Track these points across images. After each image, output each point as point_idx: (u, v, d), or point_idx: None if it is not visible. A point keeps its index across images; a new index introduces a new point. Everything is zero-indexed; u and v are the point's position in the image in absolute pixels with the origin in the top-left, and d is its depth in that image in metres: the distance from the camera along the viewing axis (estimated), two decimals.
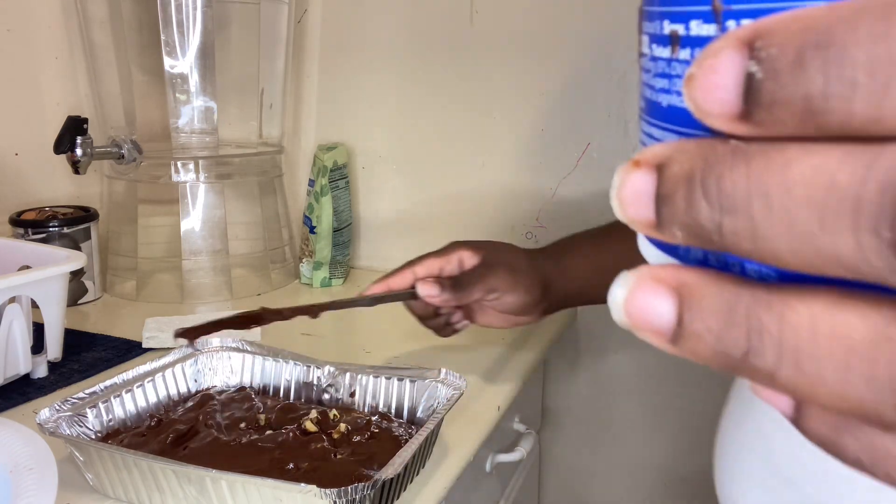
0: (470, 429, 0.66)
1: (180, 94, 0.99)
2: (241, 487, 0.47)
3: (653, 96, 0.17)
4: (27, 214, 0.92)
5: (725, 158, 0.13)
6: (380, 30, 1.09)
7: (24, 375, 0.70)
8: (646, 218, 0.15)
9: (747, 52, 0.13)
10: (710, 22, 0.14)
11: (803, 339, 0.13)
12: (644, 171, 0.14)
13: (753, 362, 0.14)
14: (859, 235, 0.12)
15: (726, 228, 0.13)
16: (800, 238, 0.13)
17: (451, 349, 0.83)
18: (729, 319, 0.14)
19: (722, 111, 0.13)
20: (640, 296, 0.15)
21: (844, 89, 0.12)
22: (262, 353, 0.66)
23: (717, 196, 0.13)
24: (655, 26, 0.16)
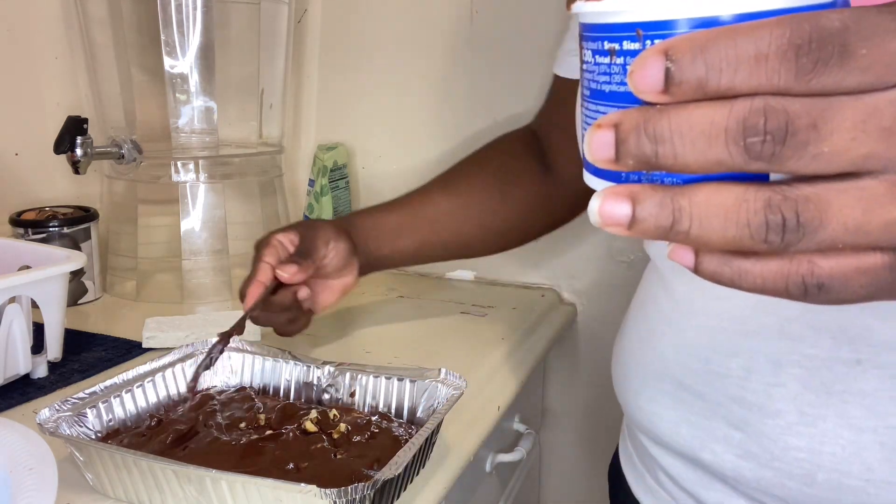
0: (470, 429, 0.66)
1: (180, 94, 0.99)
2: (241, 487, 0.47)
3: (597, 87, 0.26)
4: (27, 214, 0.92)
5: (655, 114, 0.23)
6: (380, 30, 1.09)
7: (24, 375, 0.70)
8: (608, 156, 0.24)
9: (664, 57, 0.23)
10: (635, 41, 0.25)
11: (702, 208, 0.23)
12: (605, 129, 0.24)
13: (676, 228, 0.24)
14: (729, 147, 0.22)
15: (659, 153, 0.23)
16: (699, 153, 0.23)
17: (452, 349, 0.83)
18: (661, 206, 0.24)
19: (652, 89, 0.23)
20: (607, 203, 0.24)
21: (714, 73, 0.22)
22: (262, 353, 0.66)
23: (653, 135, 0.23)
24: (597, 44, 0.26)
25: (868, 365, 0.40)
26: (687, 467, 0.50)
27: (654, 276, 0.55)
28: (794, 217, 0.23)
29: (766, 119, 0.22)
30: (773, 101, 0.22)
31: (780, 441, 0.43)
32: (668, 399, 0.50)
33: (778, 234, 0.23)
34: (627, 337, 0.56)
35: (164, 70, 0.97)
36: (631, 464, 0.60)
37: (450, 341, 0.86)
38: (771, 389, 0.43)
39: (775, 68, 0.22)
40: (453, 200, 0.77)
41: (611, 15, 0.25)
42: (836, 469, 0.41)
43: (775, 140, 0.22)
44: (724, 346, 0.46)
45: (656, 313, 0.53)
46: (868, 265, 0.24)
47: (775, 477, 0.43)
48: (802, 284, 0.24)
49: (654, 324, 0.52)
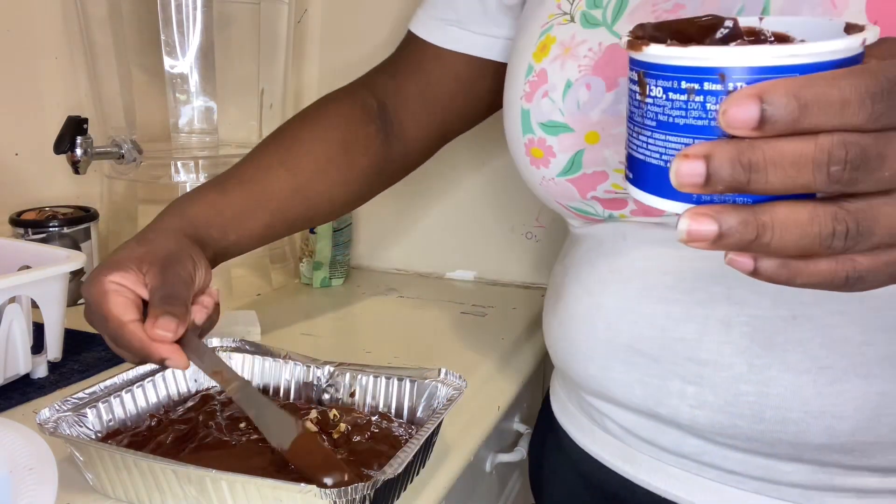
0: (470, 429, 0.66)
1: (180, 94, 0.99)
2: (241, 487, 0.47)
3: (668, 120, 0.31)
4: (27, 214, 0.92)
5: (748, 147, 0.28)
6: (380, 30, 1.09)
7: (24, 375, 0.70)
8: (696, 183, 0.29)
9: (759, 99, 0.28)
10: (717, 83, 0.29)
11: (782, 223, 0.29)
12: (694, 160, 0.29)
13: (759, 241, 0.29)
14: (814, 174, 0.28)
15: (752, 179, 0.28)
16: (788, 179, 0.28)
17: (451, 349, 0.83)
18: (746, 223, 0.29)
19: (746, 126, 0.28)
20: (695, 223, 0.29)
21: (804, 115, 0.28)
22: (262, 353, 0.66)
23: (748, 165, 0.28)
24: (671, 83, 0.30)
25: (802, 319, 0.47)
26: (641, 419, 0.55)
27: (597, 260, 0.57)
28: (855, 227, 0.29)
29: (847, 151, 0.28)
30: (850, 137, 0.28)
31: (733, 389, 0.49)
32: (621, 365, 0.54)
33: (841, 241, 0.29)
34: (570, 313, 0.59)
35: (164, 70, 0.97)
36: (574, 420, 0.63)
37: (450, 341, 0.86)
38: (722, 347, 0.49)
39: (855, 112, 0.28)
40: (300, 175, 0.70)
41: (693, 59, 0.29)
42: (781, 406, 0.48)
43: (853, 168, 0.28)
44: (678, 315, 0.51)
45: (603, 291, 0.56)
46: (893, 259, 0.30)
47: (728, 419, 0.50)
48: (846, 278, 0.30)
49: (601, 300, 0.56)
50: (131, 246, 0.60)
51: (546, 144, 0.55)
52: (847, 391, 0.47)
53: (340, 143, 0.73)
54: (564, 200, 0.57)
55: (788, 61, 0.29)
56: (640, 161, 0.33)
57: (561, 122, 0.54)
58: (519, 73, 0.57)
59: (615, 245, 0.56)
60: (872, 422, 0.46)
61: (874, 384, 0.46)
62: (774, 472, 0.50)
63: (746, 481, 0.52)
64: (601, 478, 0.60)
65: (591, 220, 0.58)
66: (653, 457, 0.56)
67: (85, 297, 0.58)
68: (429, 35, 0.73)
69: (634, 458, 0.57)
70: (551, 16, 0.57)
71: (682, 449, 0.53)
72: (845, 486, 0.49)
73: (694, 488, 0.54)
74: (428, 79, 0.74)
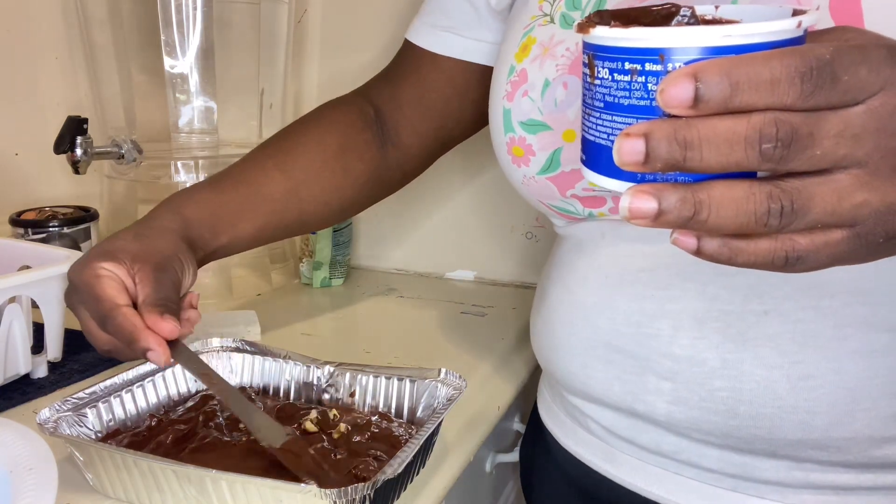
0: (470, 429, 0.66)
1: (180, 94, 0.99)
2: (241, 487, 0.47)
3: (614, 100, 0.31)
4: (27, 214, 0.92)
5: (683, 125, 0.29)
6: (380, 30, 1.09)
7: (24, 375, 0.70)
8: (638, 160, 0.29)
9: (693, 78, 0.28)
10: (657, 64, 0.30)
11: (718, 201, 0.29)
12: (634, 138, 0.29)
13: (697, 218, 0.30)
14: (747, 151, 0.29)
15: (687, 157, 0.29)
16: (722, 156, 0.29)
17: (451, 349, 0.83)
18: (684, 201, 0.29)
19: (682, 104, 0.29)
20: (636, 200, 0.30)
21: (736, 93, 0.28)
22: (262, 353, 0.66)
23: (683, 142, 0.29)
24: (616, 64, 0.31)
25: (774, 314, 0.48)
26: (620, 417, 0.56)
27: (577, 260, 0.58)
28: (790, 205, 0.29)
29: (778, 129, 0.28)
30: (781, 116, 0.28)
31: (707, 384, 0.50)
32: (600, 363, 0.55)
33: (777, 219, 0.29)
34: (552, 312, 0.60)
35: (164, 70, 0.97)
36: (558, 421, 0.64)
37: (450, 341, 0.86)
38: (696, 343, 0.50)
39: (786, 90, 0.28)
40: (295, 178, 0.71)
41: (635, 41, 0.30)
42: (753, 402, 0.48)
43: (784, 145, 0.28)
44: (652, 311, 0.52)
45: (583, 290, 0.57)
46: (834, 239, 0.31)
47: (703, 415, 0.50)
48: (785, 257, 0.31)
49: (581, 298, 0.57)
50: (126, 238, 0.60)
51: (526, 143, 0.57)
52: (819, 386, 0.47)
53: (336, 149, 0.73)
54: (545, 199, 0.58)
55: (724, 42, 0.29)
56: (591, 142, 0.34)
57: (540, 121, 0.55)
58: (502, 73, 0.59)
59: (594, 244, 0.57)
60: (846, 417, 0.47)
61: (846, 379, 0.46)
62: (751, 469, 0.51)
63: (724, 479, 0.52)
64: (585, 479, 0.61)
65: (573, 219, 0.59)
66: (633, 456, 0.57)
67: (72, 278, 0.58)
68: (423, 41, 0.73)
69: (615, 457, 0.58)
70: (533, 17, 0.58)
71: (661, 447, 0.54)
72: (822, 483, 0.49)
73: (673, 487, 0.54)
74: (423, 84, 0.74)
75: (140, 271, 0.57)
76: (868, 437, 0.47)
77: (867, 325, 0.46)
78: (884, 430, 0.47)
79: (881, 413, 0.47)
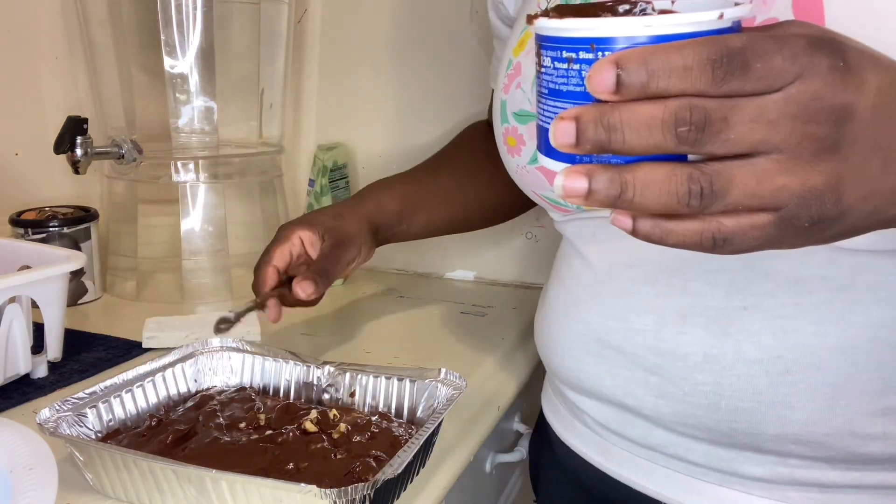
0: (470, 429, 0.66)
1: (180, 94, 0.99)
2: (241, 487, 0.47)
3: (555, 87, 0.34)
4: (27, 214, 0.92)
5: (608, 109, 0.31)
6: (380, 29, 1.09)
7: (24, 375, 0.70)
8: (570, 142, 0.31)
9: (615, 66, 0.30)
10: (589, 52, 0.32)
11: (642, 181, 0.31)
12: (567, 121, 0.31)
13: (623, 197, 0.31)
14: (664, 134, 0.30)
15: (611, 139, 0.31)
16: (642, 139, 0.30)
17: (451, 349, 0.83)
18: (611, 181, 0.31)
19: (606, 90, 0.30)
20: (569, 179, 0.32)
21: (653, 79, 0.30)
22: (262, 353, 0.66)
23: (607, 125, 0.31)
24: (556, 53, 0.33)
25: (754, 310, 0.49)
26: (612, 411, 0.57)
27: (572, 256, 0.61)
28: (709, 186, 0.31)
29: (691, 113, 0.30)
30: (696, 101, 0.30)
31: (690, 379, 0.51)
32: (592, 357, 0.57)
33: (697, 199, 0.31)
34: (550, 308, 0.63)
35: (164, 70, 0.97)
36: (559, 416, 0.66)
37: (450, 341, 0.86)
38: (679, 338, 0.51)
39: (698, 77, 0.30)
40: (457, 175, 0.83)
41: (569, 31, 0.32)
42: (734, 396, 0.49)
43: (697, 129, 0.30)
44: (638, 306, 0.54)
45: (577, 286, 0.59)
46: (759, 222, 0.32)
47: (687, 409, 0.52)
48: (712, 238, 0.32)
49: (575, 294, 0.59)
50: (329, 214, 0.74)
51: (518, 133, 0.59)
52: (799, 381, 0.48)
53: (485, 153, 0.82)
54: (538, 189, 0.60)
55: (647, 32, 0.31)
56: (540, 127, 0.36)
57: (529, 112, 0.58)
58: (503, 67, 0.62)
59: (586, 241, 0.59)
60: (825, 412, 0.47)
61: (826, 375, 0.47)
62: (736, 464, 0.52)
63: (711, 474, 0.53)
64: (582, 472, 0.62)
65: (567, 212, 0.61)
66: (625, 449, 0.58)
67: (280, 227, 0.72)
68: (491, 84, 0.82)
69: (609, 450, 0.59)
70: None
71: (650, 441, 0.55)
72: (807, 480, 0.50)
73: (662, 481, 0.55)
74: None
75: (326, 241, 0.71)
76: (849, 433, 0.47)
77: (846, 321, 0.47)
78: (865, 426, 0.47)
79: (862, 409, 0.47)
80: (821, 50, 0.31)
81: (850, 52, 0.31)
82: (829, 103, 0.30)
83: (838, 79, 0.31)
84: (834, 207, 0.32)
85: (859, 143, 0.31)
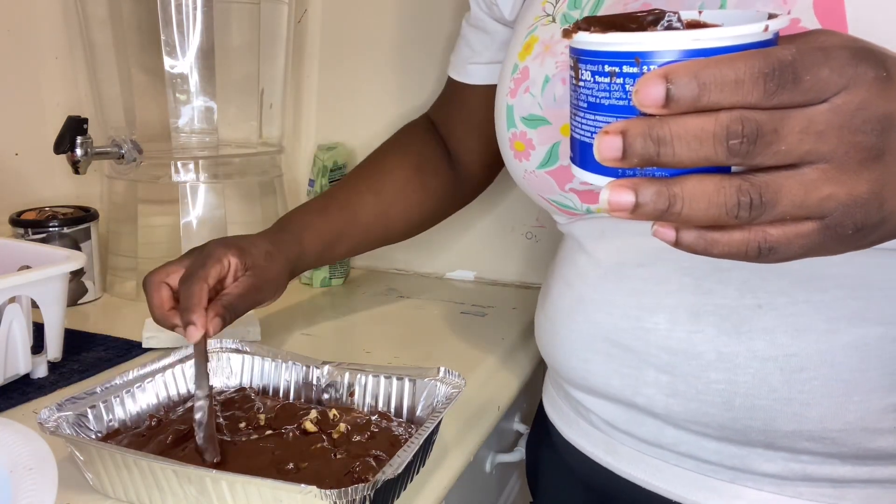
0: (470, 429, 0.66)
1: (180, 94, 0.99)
2: (241, 487, 0.47)
3: (596, 101, 0.33)
4: (27, 214, 0.92)
5: (657, 123, 0.31)
6: (380, 30, 1.09)
7: (24, 375, 0.70)
8: (616, 156, 0.31)
9: (664, 80, 0.30)
10: (633, 66, 0.32)
11: (690, 194, 0.31)
12: (613, 135, 0.31)
13: (671, 210, 0.31)
14: (715, 147, 0.30)
15: (661, 153, 0.31)
16: (692, 152, 0.31)
17: (451, 349, 0.83)
18: (659, 194, 0.31)
19: (654, 104, 0.30)
20: (615, 194, 0.32)
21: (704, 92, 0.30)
22: (261, 353, 0.66)
23: (657, 139, 0.31)
24: (597, 67, 0.33)
25: (767, 308, 0.49)
26: (620, 410, 0.57)
27: (578, 256, 0.61)
28: (758, 198, 0.31)
29: (744, 126, 0.30)
30: (747, 113, 0.30)
31: (703, 377, 0.51)
32: (600, 356, 0.57)
33: (746, 211, 0.31)
34: (554, 307, 0.62)
35: (164, 70, 0.97)
36: (563, 415, 0.66)
37: (450, 341, 0.86)
38: (692, 336, 0.51)
39: (750, 90, 0.30)
40: (383, 200, 0.81)
41: (613, 45, 0.32)
42: (749, 394, 0.50)
43: (749, 141, 0.30)
44: (650, 305, 0.53)
45: (583, 285, 0.59)
46: (804, 231, 0.32)
47: (700, 407, 0.52)
48: (758, 248, 0.33)
49: (582, 294, 0.59)
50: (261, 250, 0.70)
51: (527, 137, 0.59)
52: (813, 378, 0.48)
53: (415, 168, 0.83)
54: (545, 193, 0.60)
55: (694, 45, 0.31)
56: (577, 140, 0.36)
57: (540, 116, 0.58)
58: (507, 71, 0.61)
59: (594, 240, 0.59)
60: (839, 409, 0.48)
61: (840, 372, 0.48)
62: (748, 461, 0.52)
63: (722, 471, 0.53)
64: (587, 471, 0.62)
65: (573, 214, 0.61)
66: (633, 448, 0.58)
67: (210, 243, 0.68)
68: (456, 75, 0.81)
69: (617, 449, 0.59)
70: (537, 18, 0.61)
71: (661, 440, 0.55)
72: (819, 476, 0.50)
73: (672, 479, 0.55)
74: (466, 109, 0.82)
75: (248, 277, 0.67)
76: (862, 428, 0.48)
77: (859, 318, 0.47)
78: (877, 422, 0.48)
79: (874, 405, 0.47)
80: (865, 61, 0.31)
81: (890, 61, 0.32)
82: (875, 113, 0.31)
83: (882, 88, 0.31)
84: (877, 213, 0.32)
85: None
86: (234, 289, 0.66)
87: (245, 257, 0.68)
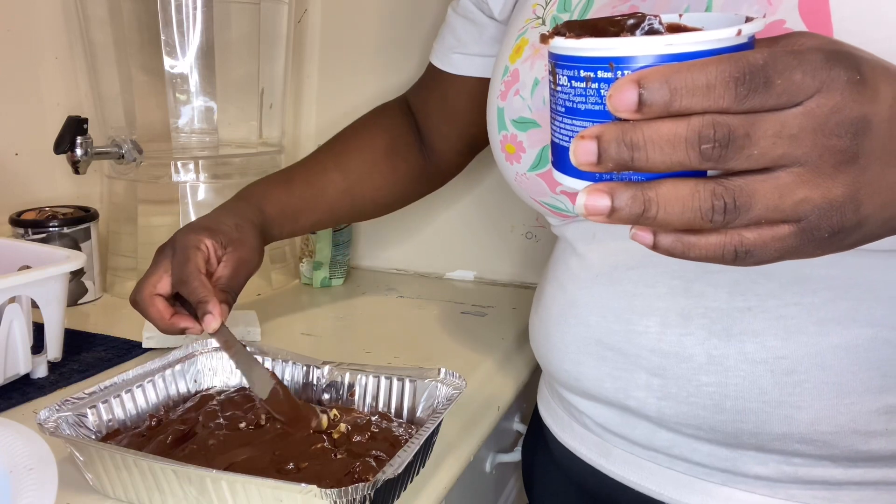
0: (470, 429, 0.66)
1: (180, 94, 0.99)
2: (241, 487, 0.47)
3: (573, 105, 0.34)
4: (27, 214, 0.92)
5: (630, 128, 0.31)
6: (380, 30, 1.09)
7: (24, 375, 0.70)
8: (591, 161, 0.31)
9: (637, 85, 0.30)
10: (608, 71, 0.32)
11: (665, 198, 0.31)
12: (588, 140, 0.31)
13: (646, 214, 0.32)
14: (688, 151, 0.30)
15: (634, 157, 0.31)
16: (665, 156, 0.31)
17: (451, 349, 0.83)
18: (634, 198, 0.31)
19: (628, 109, 0.31)
20: (591, 198, 0.32)
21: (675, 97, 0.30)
22: (261, 353, 0.66)
23: (630, 143, 0.31)
24: (573, 72, 0.33)
25: (757, 311, 0.49)
26: (613, 413, 0.57)
27: (570, 258, 0.61)
28: (732, 202, 0.31)
29: (715, 130, 0.30)
30: (719, 118, 0.30)
31: (694, 380, 0.51)
32: (592, 359, 0.57)
33: (721, 215, 0.31)
34: (547, 311, 0.62)
35: (164, 70, 0.97)
36: (557, 418, 0.66)
37: (450, 341, 0.86)
38: (683, 339, 0.51)
39: (721, 94, 0.30)
40: (349, 178, 0.81)
41: (588, 51, 0.32)
42: (739, 397, 0.50)
43: (721, 146, 0.30)
44: (640, 308, 0.53)
45: (576, 288, 0.59)
46: (780, 234, 0.32)
47: (691, 410, 0.52)
48: (734, 252, 0.33)
49: (574, 296, 0.59)
50: (228, 223, 0.70)
51: (517, 140, 0.59)
52: (804, 381, 0.48)
53: (384, 150, 0.83)
54: (537, 196, 0.60)
55: (667, 50, 0.31)
56: (556, 144, 0.36)
57: (529, 119, 0.58)
58: (497, 74, 0.62)
59: (586, 243, 0.59)
60: (830, 411, 0.48)
61: (830, 374, 0.48)
62: (740, 464, 0.52)
63: (714, 474, 0.53)
64: (581, 473, 0.62)
65: (566, 216, 0.61)
66: (626, 451, 0.58)
67: (177, 238, 0.68)
68: (438, 63, 0.81)
69: (609, 452, 0.59)
70: (527, 20, 0.61)
71: (653, 442, 0.55)
72: (810, 478, 0.50)
73: (665, 481, 0.55)
74: (444, 97, 0.82)
75: (228, 257, 0.68)
76: (853, 431, 0.48)
77: (849, 320, 0.47)
78: (868, 424, 0.48)
79: (865, 408, 0.47)
80: (838, 64, 0.31)
81: (865, 64, 0.32)
82: (848, 116, 0.31)
83: (856, 91, 0.31)
84: (853, 217, 0.32)
85: (876, 154, 0.32)
86: (223, 271, 0.67)
87: (217, 236, 0.68)
